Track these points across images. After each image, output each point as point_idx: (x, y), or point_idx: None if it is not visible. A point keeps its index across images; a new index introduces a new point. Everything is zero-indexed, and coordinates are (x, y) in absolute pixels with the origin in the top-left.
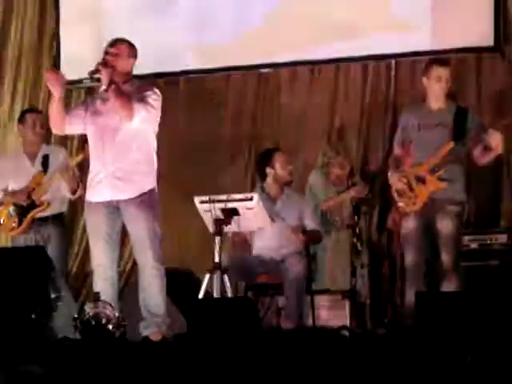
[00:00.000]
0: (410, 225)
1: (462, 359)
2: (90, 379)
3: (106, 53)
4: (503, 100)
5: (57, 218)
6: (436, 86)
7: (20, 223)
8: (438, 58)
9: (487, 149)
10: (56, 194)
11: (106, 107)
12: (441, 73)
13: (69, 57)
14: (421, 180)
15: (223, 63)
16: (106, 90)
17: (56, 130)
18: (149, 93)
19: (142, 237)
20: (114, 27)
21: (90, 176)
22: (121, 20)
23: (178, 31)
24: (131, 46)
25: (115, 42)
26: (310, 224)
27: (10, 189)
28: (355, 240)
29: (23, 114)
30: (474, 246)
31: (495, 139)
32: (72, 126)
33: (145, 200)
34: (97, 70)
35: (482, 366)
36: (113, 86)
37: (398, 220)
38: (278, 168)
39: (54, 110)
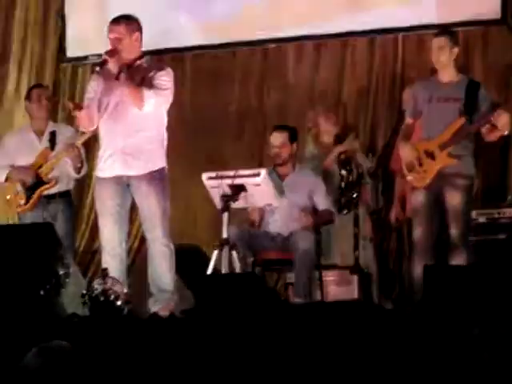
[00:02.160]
0: (418, 198)
1: (470, 332)
2: (98, 355)
3: (110, 40)
4: (510, 73)
5: (64, 196)
6: (439, 57)
7: (28, 200)
8: (441, 30)
9: (495, 127)
10: (63, 172)
11: (117, 83)
12: (440, 42)
13: (74, 34)
14: (430, 155)
15: (229, 39)
16: (117, 79)
17: (88, 128)
18: (160, 74)
19: (152, 213)
20: (119, 4)
21: (99, 152)
22: None
23: (184, 7)
24: (128, 22)
25: (112, 26)
26: (322, 203)
27: (17, 165)
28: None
29: (29, 90)
30: (481, 220)
31: (502, 119)
32: (93, 118)
33: (156, 176)
34: (105, 61)
35: (489, 340)
36: (122, 75)
37: (400, 218)
38: (269, 148)
39: (83, 120)
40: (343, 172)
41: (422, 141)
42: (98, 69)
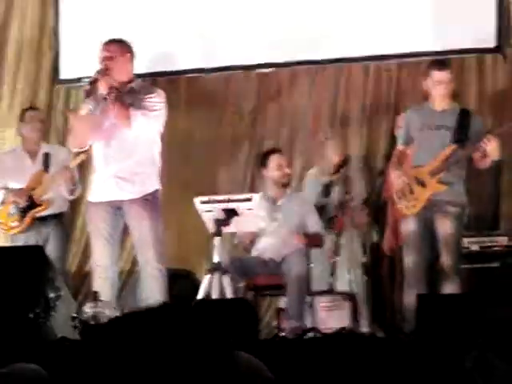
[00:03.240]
0: (409, 226)
1: (462, 363)
2: (88, 379)
3: (101, 59)
4: (504, 101)
5: (57, 218)
6: (437, 90)
7: (20, 222)
8: (437, 60)
9: (485, 153)
10: (56, 194)
11: (110, 107)
12: (440, 77)
13: (68, 55)
14: (421, 183)
15: (223, 63)
16: (105, 98)
17: (80, 146)
18: (149, 96)
19: (144, 236)
20: (115, 27)
21: (93, 176)
22: (121, 18)
23: (179, 30)
24: (123, 44)
25: (106, 45)
26: (313, 226)
27: (10, 187)
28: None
29: (22, 112)
30: (474, 248)
31: (491, 145)
32: (86, 136)
33: (149, 199)
34: (95, 80)
35: (483, 370)
36: (112, 95)
37: (394, 245)
38: (272, 170)
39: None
40: (322, 199)
41: (412, 168)
42: (87, 87)
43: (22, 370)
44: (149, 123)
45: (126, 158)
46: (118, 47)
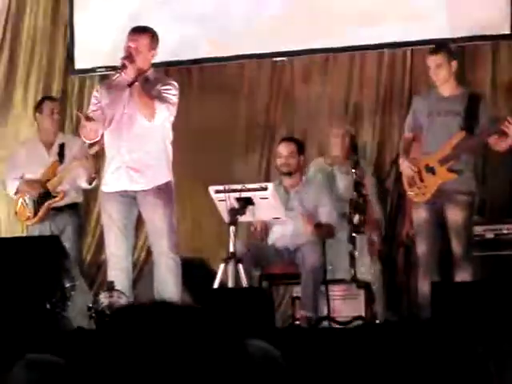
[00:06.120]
0: (420, 215)
1: (475, 350)
2: (104, 369)
3: (127, 45)
4: None
5: (72, 208)
6: (438, 74)
7: (36, 213)
8: (434, 47)
9: (504, 135)
10: (72, 184)
11: (123, 96)
12: (436, 60)
13: (83, 45)
14: (431, 170)
15: (237, 52)
16: (130, 86)
17: (92, 139)
18: (167, 88)
19: (158, 226)
20: (129, 16)
21: (105, 166)
22: (134, 8)
23: (192, 19)
24: (153, 36)
25: (137, 33)
26: (325, 217)
27: (25, 177)
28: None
29: (40, 102)
30: (489, 235)
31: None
32: (98, 130)
33: (162, 190)
34: (124, 66)
35: (495, 357)
36: (136, 84)
37: (410, 233)
38: (278, 157)
39: (89, 132)
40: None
41: (422, 156)
42: (119, 71)
43: (40, 361)
44: (167, 116)
45: (138, 149)
46: (150, 42)
